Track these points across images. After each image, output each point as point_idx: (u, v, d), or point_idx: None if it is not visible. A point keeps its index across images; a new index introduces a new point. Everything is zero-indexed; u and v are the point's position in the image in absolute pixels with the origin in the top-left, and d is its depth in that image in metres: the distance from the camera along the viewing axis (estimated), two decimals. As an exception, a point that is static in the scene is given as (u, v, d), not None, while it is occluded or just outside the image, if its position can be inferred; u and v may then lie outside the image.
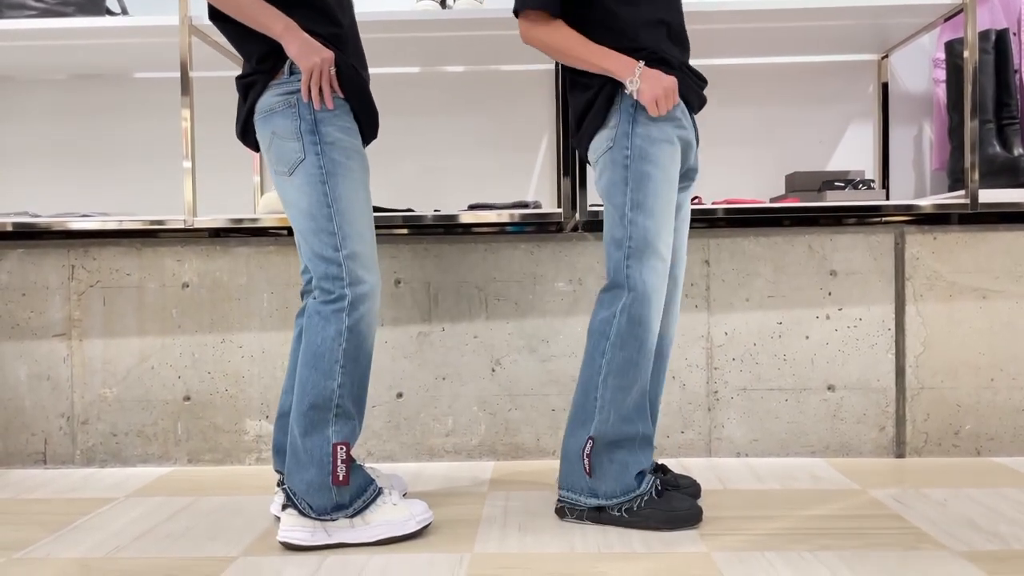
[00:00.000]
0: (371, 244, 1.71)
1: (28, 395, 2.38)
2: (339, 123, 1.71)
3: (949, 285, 2.32)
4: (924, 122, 2.79)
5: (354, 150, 1.72)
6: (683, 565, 1.53)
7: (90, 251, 2.38)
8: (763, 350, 2.34)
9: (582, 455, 1.75)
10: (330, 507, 1.64)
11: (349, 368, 1.66)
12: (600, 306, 1.79)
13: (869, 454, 2.34)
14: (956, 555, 1.56)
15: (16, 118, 2.78)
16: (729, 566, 1.52)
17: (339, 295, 1.66)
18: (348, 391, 1.66)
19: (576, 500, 1.77)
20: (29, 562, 1.61)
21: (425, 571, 1.53)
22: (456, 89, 2.76)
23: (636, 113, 1.75)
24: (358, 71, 1.75)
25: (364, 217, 1.71)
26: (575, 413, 1.78)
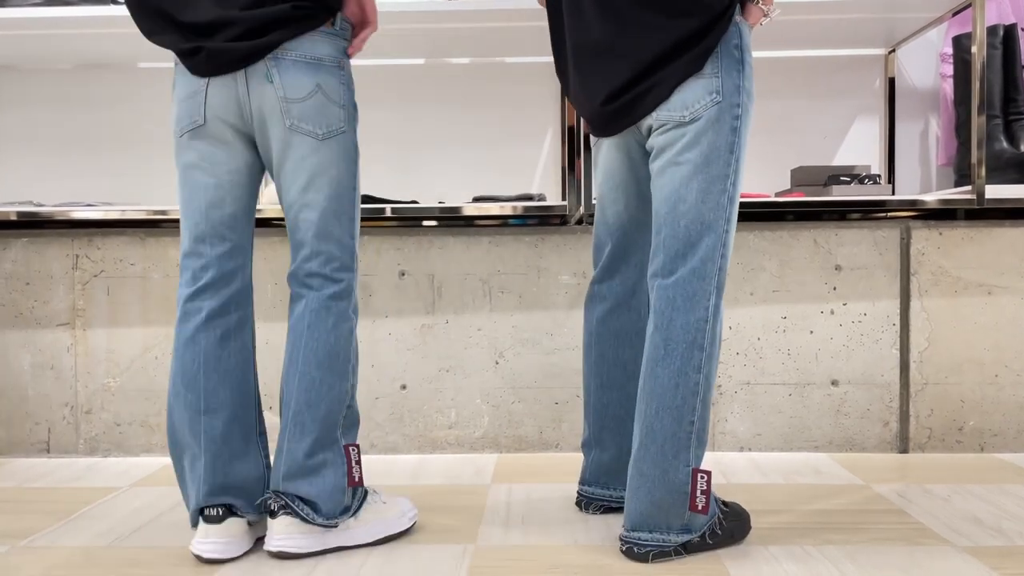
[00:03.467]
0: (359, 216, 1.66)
1: (32, 384, 2.39)
2: (349, 80, 1.60)
3: (954, 281, 2.31)
4: (931, 117, 2.77)
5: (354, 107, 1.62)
6: (687, 559, 1.53)
7: (94, 241, 2.37)
8: (767, 344, 2.34)
9: (693, 491, 1.47)
10: (339, 511, 1.57)
11: (355, 366, 1.62)
12: (676, 305, 1.48)
13: (873, 449, 2.33)
14: (959, 550, 1.56)
15: (21, 107, 2.77)
16: (733, 560, 1.52)
17: (348, 286, 1.58)
18: (355, 390, 1.63)
19: (666, 541, 1.50)
20: (32, 551, 1.62)
21: (428, 564, 1.53)
22: (461, 81, 2.75)
23: (744, 56, 1.45)
24: None
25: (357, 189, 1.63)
26: (661, 440, 1.47)
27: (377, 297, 2.36)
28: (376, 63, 2.74)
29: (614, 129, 1.58)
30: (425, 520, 1.77)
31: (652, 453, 1.48)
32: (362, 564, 1.52)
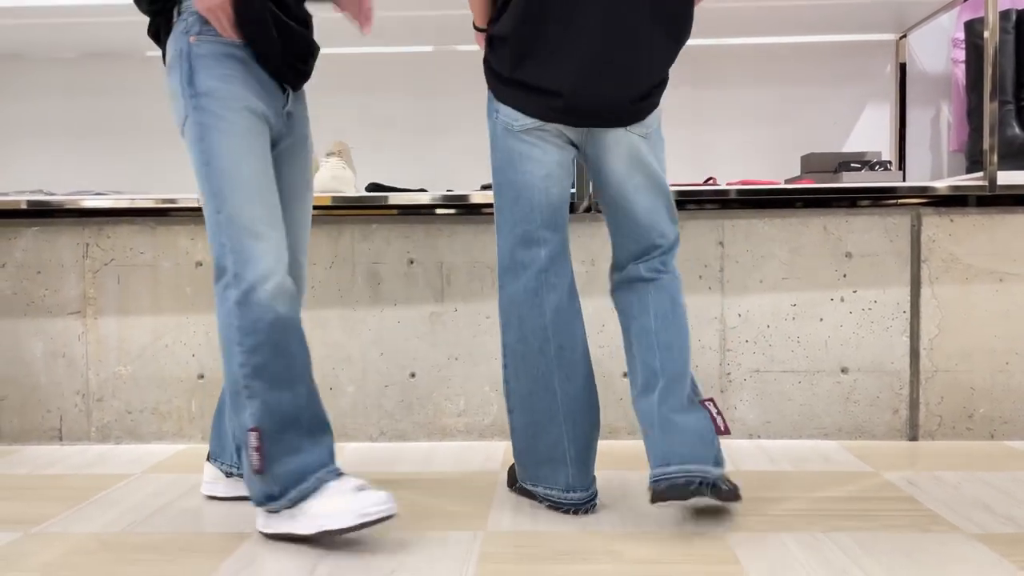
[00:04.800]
0: (267, 214, 1.55)
1: (44, 372, 2.40)
2: (219, 70, 1.55)
3: (965, 268, 2.30)
4: (942, 103, 2.76)
5: (235, 100, 1.55)
6: (697, 545, 1.53)
7: (104, 229, 2.38)
8: (777, 332, 2.33)
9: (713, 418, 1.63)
10: (261, 496, 1.54)
11: (252, 344, 1.51)
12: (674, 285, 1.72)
13: (882, 437, 2.33)
14: (970, 537, 1.56)
15: (29, 97, 2.78)
16: (743, 547, 1.52)
17: (222, 267, 1.53)
18: (258, 371, 1.52)
19: (706, 472, 1.58)
20: (46, 537, 1.63)
21: (439, 548, 1.53)
22: (470, 69, 2.74)
23: None
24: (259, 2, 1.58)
25: (252, 181, 1.54)
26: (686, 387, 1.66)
27: (386, 285, 2.36)
28: (385, 51, 2.73)
29: (627, 121, 1.65)
30: (436, 506, 1.78)
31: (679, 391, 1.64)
32: (372, 550, 1.53)
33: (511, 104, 1.64)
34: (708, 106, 2.73)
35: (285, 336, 1.54)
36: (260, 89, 1.61)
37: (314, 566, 1.46)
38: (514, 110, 1.64)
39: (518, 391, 1.69)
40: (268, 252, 1.53)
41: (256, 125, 1.58)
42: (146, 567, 1.46)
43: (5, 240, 2.39)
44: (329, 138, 2.71)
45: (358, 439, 2.38)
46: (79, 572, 1.45)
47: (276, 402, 1.53)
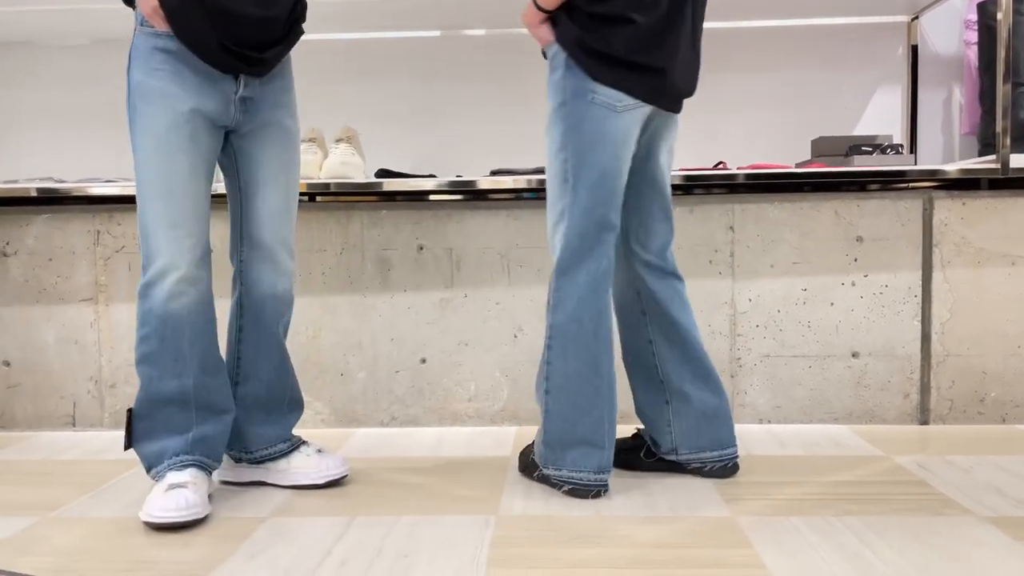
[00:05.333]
0: (174, 214, 1.58)
1: (56, 359, 2.41)
2: (149, 64, 1.57)
3: (977, 251, 2.29)
4: (954, 85, 2.73)
5: (160, 98, 1.56)
6: (709, 529, 1.54)
7: (115, 216, 2.39)
8: (787, 317, 2.33)
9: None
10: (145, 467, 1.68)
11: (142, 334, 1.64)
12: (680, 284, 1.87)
13: (893, 421, 2.33)
14: (982, 520, 1.56)
15: (39, 84, 2.78)
16: (755, 530, 1.52)
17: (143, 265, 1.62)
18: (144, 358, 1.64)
19: (734, 453, 1.86)
20: (64, 521, 1.64)
21: (453, 532, 1.54)
22: (476, 53, 2.73)
23: None
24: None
25: (162, 181, 1.57)
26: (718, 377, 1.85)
27: (396, 271, 2.36)
28: (391, 36, 2.72)
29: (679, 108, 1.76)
30: (448, 490, 1.79)
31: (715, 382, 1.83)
32: (387, 534, 1.54)
33: (617, 85, 1.63)
34: (718, 90, 2.71)
35: (183, 330, 1.64)
36: (197, 81, 1.59)
37: (329, 550, 1.47)
38: (617, 91, 1.63)
39: (562, 371, 1.68)
40: (169, 249, 1.59)
41: (179, 123, 1.57)
42: (163, 551, 1.48)
43: (16, 227, 2.40)
44: (336, 124, 2.70)
45: (369, 424, 2.39)
46: (96, 556, 1.46)
47: (166, 390, 1.65)
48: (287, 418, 1.84)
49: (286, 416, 1.84)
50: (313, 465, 1.80)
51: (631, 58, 1.62)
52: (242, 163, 1.73)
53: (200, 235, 1.64)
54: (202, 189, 1.63)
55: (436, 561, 1.41)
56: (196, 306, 1.65)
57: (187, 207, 1.60)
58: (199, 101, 1.59)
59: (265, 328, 1.77)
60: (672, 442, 1.86)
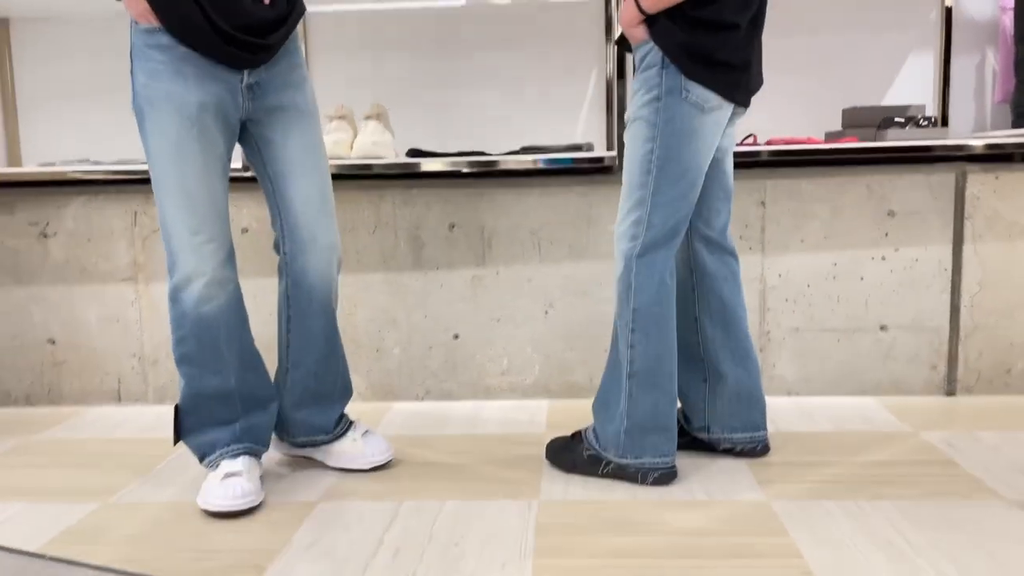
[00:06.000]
0: (193, 219, 1.59)
1: (100, 337, 2.48)
2: (149, 64, 1.54)
3: (1010, 225, 2.29)
4: (988, 50, 2.69)
5: (164, 100, 1.54)
6: (745, 515, 1.59)
7: (151, 198, 2.42)
8: (817, 291, 2.35)
9: None
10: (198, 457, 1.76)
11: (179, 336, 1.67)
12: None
13: (920, 393, 2.37)
14: (1009, 504, 1.61)
15: (59, 59, 2.79)
16: (790, 516, 1.58)
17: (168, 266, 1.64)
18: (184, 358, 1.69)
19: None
20: (125, 507, 1.72)
21: (497, 517, 1.61)
22: (501, 22, 2.71)
23: None
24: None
25: (180, 187, 1.57)
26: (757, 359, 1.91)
27: (428, 249, 2.39)
28: (414, 6, 2.70)
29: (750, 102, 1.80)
30: (489, 472, 1.85)
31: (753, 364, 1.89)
32: (434, 521, 1.61)
33: (709, 85, 1.65)
34: (748, 58, 2.68)
35: (219, 332, 1.68)
36: (200, 75, 1.55)
37: (380, 539, 1.53)
38: (708, 90, 1.66)
39: (645, 355, 1.72)
40: (193, 256, 1.61)
41: (188, 124, 1.55)
42: (224, 538, 1.55)
43: (55, 209, 2.44)
44: (357, 99, 2.70)
45: (405, 399, 2.46)
46: (161, 543, 1.54)
47: (208, 389, 1.70)
48: (334, 406, 1.87)
49: (334, 404, 1.86)
50: (359, 449, 1.86)
51: (729, 60, 1.66)
52: (264, 152, 1.70)
53: (222, 237, 1.64)
54: (218, 188, 1.62)
55: (485, 551, 1.48)
56: (227, 306, 1.68)
57: (205, 211, 1.60)
58: (204, 96, 1.55)
59: (313, 318, 1.79)
60: (705, 420, 1.91)
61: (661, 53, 1.67)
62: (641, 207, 1.72)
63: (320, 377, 1.83)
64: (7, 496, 1.80)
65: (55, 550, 1.53)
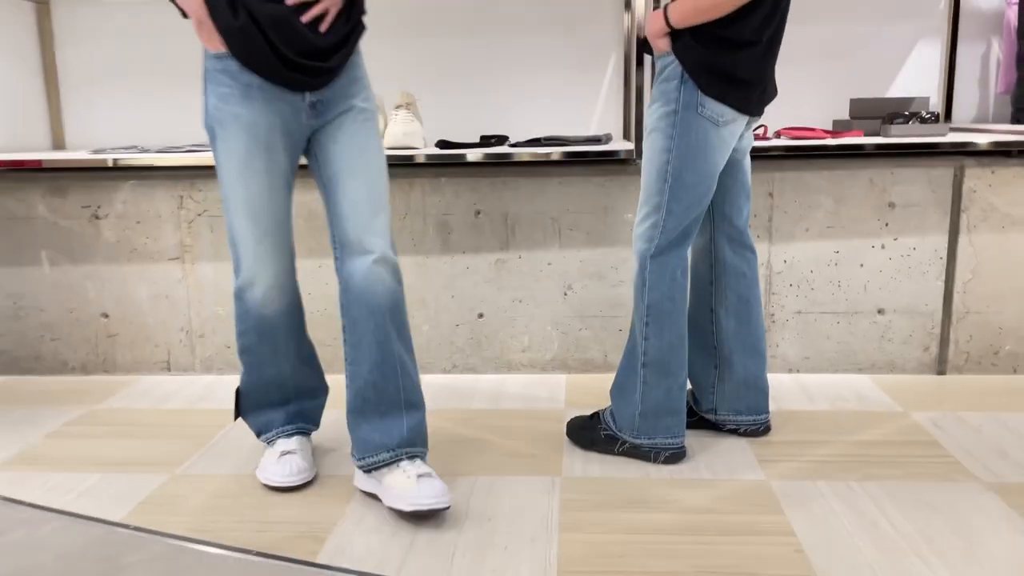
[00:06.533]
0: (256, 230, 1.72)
1: (150, 312, 2.66)
2: (219, 88, 1.65)
3: (1003, 217, 2.44)
4: (994, 40, 2.80)
5: (232, 121, 1.65)
6: (745, 494, 1.79)
7: (196, 183, 2.58)
8: (819, 277, 2.51)
9: None
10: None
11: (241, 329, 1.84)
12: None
13: (913, 372, 2.55)
14: (985, 487, 1.80)
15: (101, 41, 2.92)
16: (786, 495, 1.77)
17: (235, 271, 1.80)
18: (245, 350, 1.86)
19: None
20: (191, 479, 1.93)
21: (526, 491, 1.81)
22: (520, 8, 2.82)
23: None
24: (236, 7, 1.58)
25: (245, 202, 1.69)
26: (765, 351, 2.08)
27: (456, 235, 2.55)
28: (445, -4, 2.81)
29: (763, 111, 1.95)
30: (515, 448, 2.05)
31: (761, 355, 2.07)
32: (469, 495, 1.81)
33: (725, 100, 1.79)
34: (761, 47, 2.79)
35: (277, 329, 1.85)
36: (265, 98, 1.65)
37: (423, 513, 1.74)
38: (723, 105, 1.80)
39: (658, 345, 1.90)
40: (256, 262, 1.76)
41: (254, 145, 1.67)
42: (283, 511, 1.76)
43: (106, 192, 2.60)
44: (388, 88, 2.82)
45: (433, 372, 2.65)
46: (228, 514, 1.75)
47: (266, 378, 1.89)
48: (396, 422, 1.76)
49: (394, 419, 1.76)
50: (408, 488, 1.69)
51: (745, 77, 1.79)
52: (320, 156, 1.75)
53: (283, 244, 1.77)
54: (281, 202, 1.74)
55: (514, 525, 1.68)
56: (286, 308, 1.84)
57: (268, 223, 1.73)
58: (270, 119, 1.66)
59: (362, 326, 1.73)
60: (712, 402, 2.09)
61: (681, 68, 1.80)
62: (657, 212, 1.88)
63: (379, 388, 1.74)
64: (85, 466, 2.01)
65: (136, 520, 1.74)
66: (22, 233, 2.63)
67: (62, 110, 2.99)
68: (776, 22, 1.81)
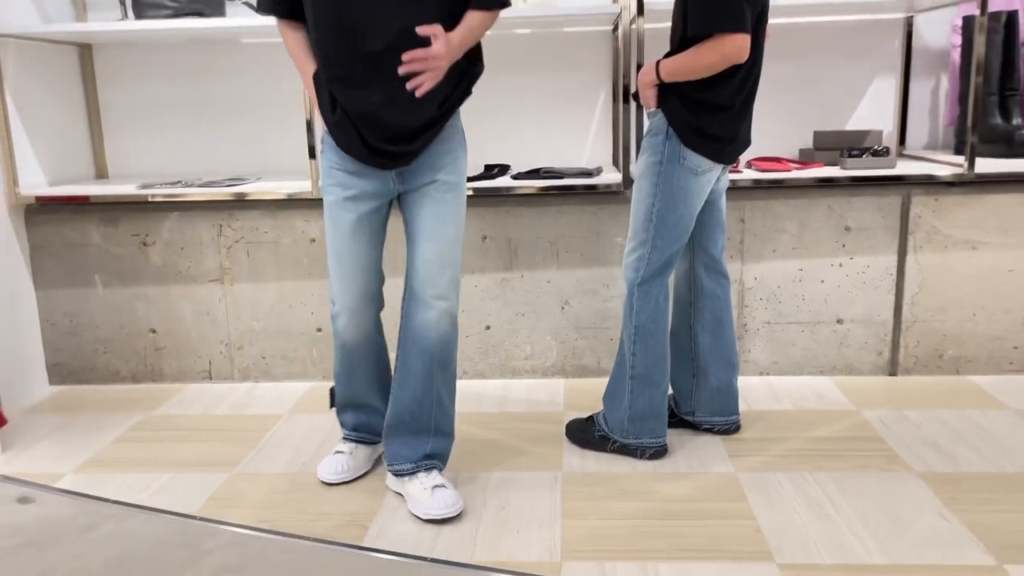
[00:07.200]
0: (340, 271, 2.04)
1: (193, 327, 3.00)
2: (326, 161, 2.00)
3: (945, 238, 2.79)
4: (943, 76, 3.14)
5: (332, 186, 1.99)
6: (717, 484, 2.14)
7: (233, 213, 2.90)
8: (785, 291, 2.86)
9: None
10: None
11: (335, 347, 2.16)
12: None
13: (868, 373, 2.90)
14: (917, 476, 2.15)
15: (140, 82, 3.23)
16: (750, 485, 2.13)
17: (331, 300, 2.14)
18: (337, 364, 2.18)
19: None
20: (245, 477, 2.27)
21: (532, 485, 2.16)
22: (520, 49, 3.14)
23: None
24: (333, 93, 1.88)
25: (333, 250, 2.03)
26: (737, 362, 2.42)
27: (465, 257, 2.89)
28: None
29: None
30: (522, 447, 2.40)
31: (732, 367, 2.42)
32: (485, 487, 2.15)
33: (704, 153, 2.13)
34: (735, 84, 3.13)
35: (352, 354, 2.15)
36: (358, 170, 1.96)
37: (448, 504, 2.08)
38: (703, 158, 2.13)
39: (645, 361, 2.25)
40: (341, 296, 2.08)
41: (344, 203, 1.99)
42: (331, 505, 2.10)
43: (154, 223, 2.92)
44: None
45: (446, 378, 2.99)
46: (285, 508, 2.09)
47: (342, 390, 2.23)
48: (423, 444, 2.07)
49: (422, 441, 2.07)
50: (424, 498, 2.02)
51: (722, 135, 2.13)
52: (406, 216, 2.04)
53: (364, 283, 2.07)
54: (366, 251, 2.04)
55: (524, 513, 2.03)
56: (363, 341, 2.13)
57: (351, 267, 2.05)
58: (360, 186, 1.97)
59: (413, 359, 2.04)
60: (691, 406, 2.44)
61: (667, 125, 2.13)
62: (643, 247, 2.22)
63: (414, 415, 2.05)
64: (154, 467, 2.35)
65: (207, 514, 2.08)
66: (78, 259, 2.96)
67: (105, 143, 3.31)
68: (748, 88, 2.14)
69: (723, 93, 2.09)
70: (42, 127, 2.99)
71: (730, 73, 2.07)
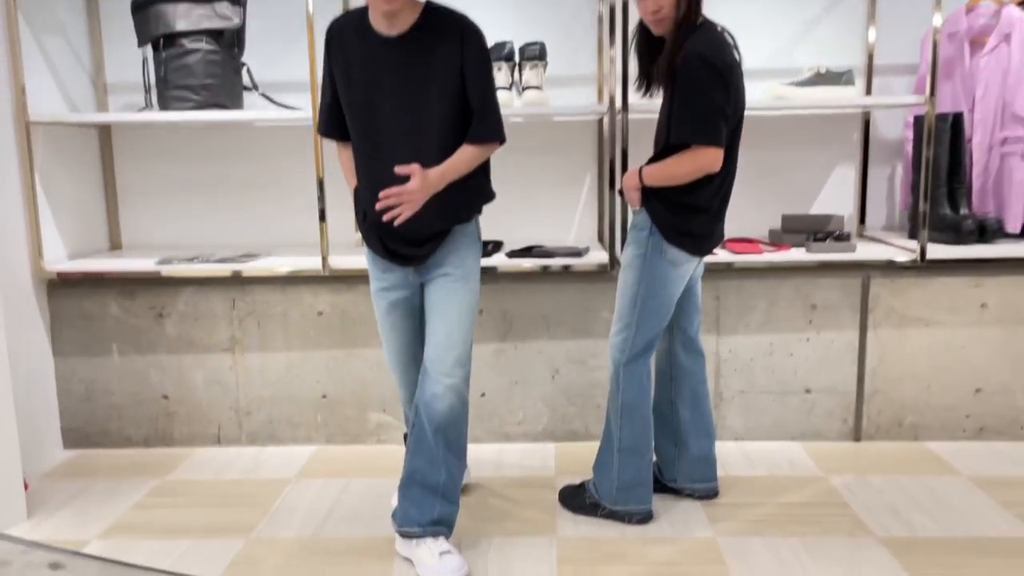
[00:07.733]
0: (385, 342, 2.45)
1: (204, 394, 3.17)
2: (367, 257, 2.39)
3: (901, 317, 3.06)
4: (898, 164, 3.44)
5: (372, 279, 2.38)
6: (698, 549, 2.35)
7: (245, 288, 3.10)
8: (757, 363, 3.11)
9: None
10: None
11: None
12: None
13: (834, 439, 3.14)
14: (878, 541, 2.38)
15: (156, 159, 3.44)
16: (728, 550, 2.34)
17: None
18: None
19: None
20: (262, 543, 2.43)
21: (530, 551, 2.35)
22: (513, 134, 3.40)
23: None
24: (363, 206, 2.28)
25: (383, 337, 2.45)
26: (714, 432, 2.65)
27: (463, 329, 3.10)
28: (450, 127, 3.37)
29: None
30: (518, 512, 2.59)
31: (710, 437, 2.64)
32: (487, 552, 2.34)
33: (683, 248, 2.36)
34: (710, 169, 3.40)
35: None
36: (385, 267, 2.33)
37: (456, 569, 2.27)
38: (683, 252, 2.37)
39: (631, 434, 2.46)
40: (399, 384, 2.52)
41: (379, 296, 2.38)
42: (343, 568, 2.28)
43: (169, 296, 3.11)
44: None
45: (443, 442, 3.18)
46: (301, 572, 2.26)
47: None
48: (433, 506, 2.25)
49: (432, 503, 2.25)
50: (432, 563, 2.21)
51: (699, 232, 2.38)
52: (423, 304, 2.35)
53: (405, 369, 2.49)
54: (398, 324, 2.41)
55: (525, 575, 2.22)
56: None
57: (389, 334, 2.43)
58: (388, 281, 2.34)
59: (423, 430, 2.26)
60: (673, 474, 2.66)
61: (650, 222, 2.38)
62: (628, 330, 2.45)
63: (424, 477, 2.26)
64: (174, 533, 2.51)
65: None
66: (96, 329, 3.13)
67: (120, 216, 3.50)
68: (723, 193, 2.40)
69: (702, 196, 2.35)
70: (62, 202, 3.19)
71: (708, 179, 2.32)
